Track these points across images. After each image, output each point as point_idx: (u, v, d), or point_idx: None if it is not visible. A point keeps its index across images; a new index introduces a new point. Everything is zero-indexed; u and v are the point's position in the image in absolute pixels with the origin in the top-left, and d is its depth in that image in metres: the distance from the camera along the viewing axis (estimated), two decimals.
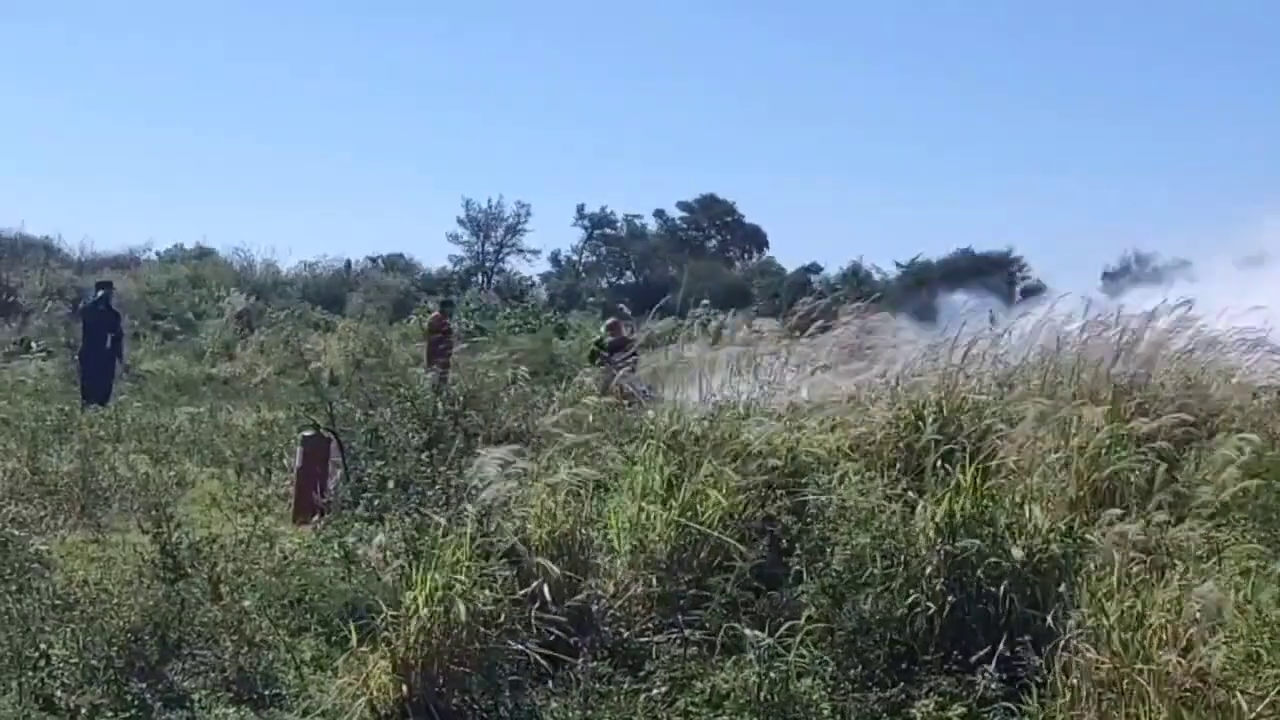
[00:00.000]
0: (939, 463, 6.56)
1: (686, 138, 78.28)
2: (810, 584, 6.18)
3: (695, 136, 77.47)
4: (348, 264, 38.49)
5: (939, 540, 5.92)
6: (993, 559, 5.87)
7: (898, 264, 50.02)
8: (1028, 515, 6.09)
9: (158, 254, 37.22)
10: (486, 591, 5.95)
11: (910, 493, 6.44)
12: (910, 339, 9.21)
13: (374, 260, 45.24)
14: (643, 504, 6.77)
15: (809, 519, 6.61)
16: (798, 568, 6.35)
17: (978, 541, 5.87)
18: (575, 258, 62.60)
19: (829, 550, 6.25)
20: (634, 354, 15.86)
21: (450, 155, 77.22)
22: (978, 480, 6.19)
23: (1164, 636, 4.91)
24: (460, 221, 60.44)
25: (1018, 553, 5.83)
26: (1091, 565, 5.77)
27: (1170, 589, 5.13)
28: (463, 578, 5.90)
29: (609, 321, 19.40)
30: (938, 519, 5.98)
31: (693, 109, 79.69)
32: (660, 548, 6.56)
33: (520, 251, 60.10)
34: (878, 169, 73.62)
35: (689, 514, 6.66)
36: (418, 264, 48.49)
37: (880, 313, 10.33)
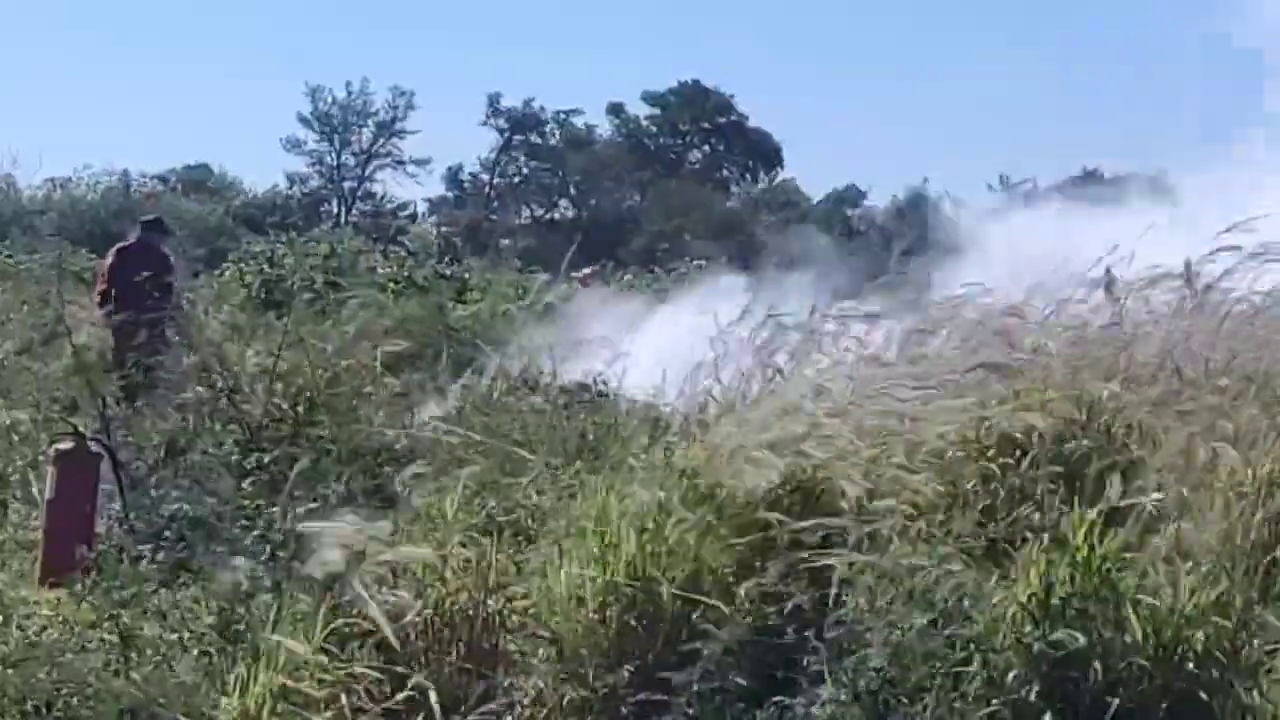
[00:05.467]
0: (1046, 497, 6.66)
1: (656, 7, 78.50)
2: (836, 687, 6.23)
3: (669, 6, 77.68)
4: (126, 183, 38.21)
5: (1031, 627, 5.99)
6: (1107, 659, 5.96)
7: (991, 188, 50.32)
8: (1173, 587, 6.15)
9: None
10: (345, 696, 5.98)
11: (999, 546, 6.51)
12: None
13: (165, 179, 44.91)
14: (595, 561, 6.80)
15: (837, 588, 6.65)
16: (817, 665, 6.39)
17: (1078, 635, 5.94)
18: (485, 175, 62.49)
19: (866, 636, 6.29)
20: None
21: (291, 27, 77.06)
22: (1094, 532, 6.26)
23: None
24: (303, 120, 60.04)
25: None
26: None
27: None
28: (306, 679, 5.93)
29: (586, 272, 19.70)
30: (1030, 594, 6.04)
31: None
32: (612, 631, 6.59)
33: (399, 163, 59.89)
34: (929, 64, 74.57)
35: (662, 582, 6.68)
36: (236, 183, 48.29)
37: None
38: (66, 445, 9.64)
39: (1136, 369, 8.42)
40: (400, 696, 6.13)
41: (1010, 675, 5.98)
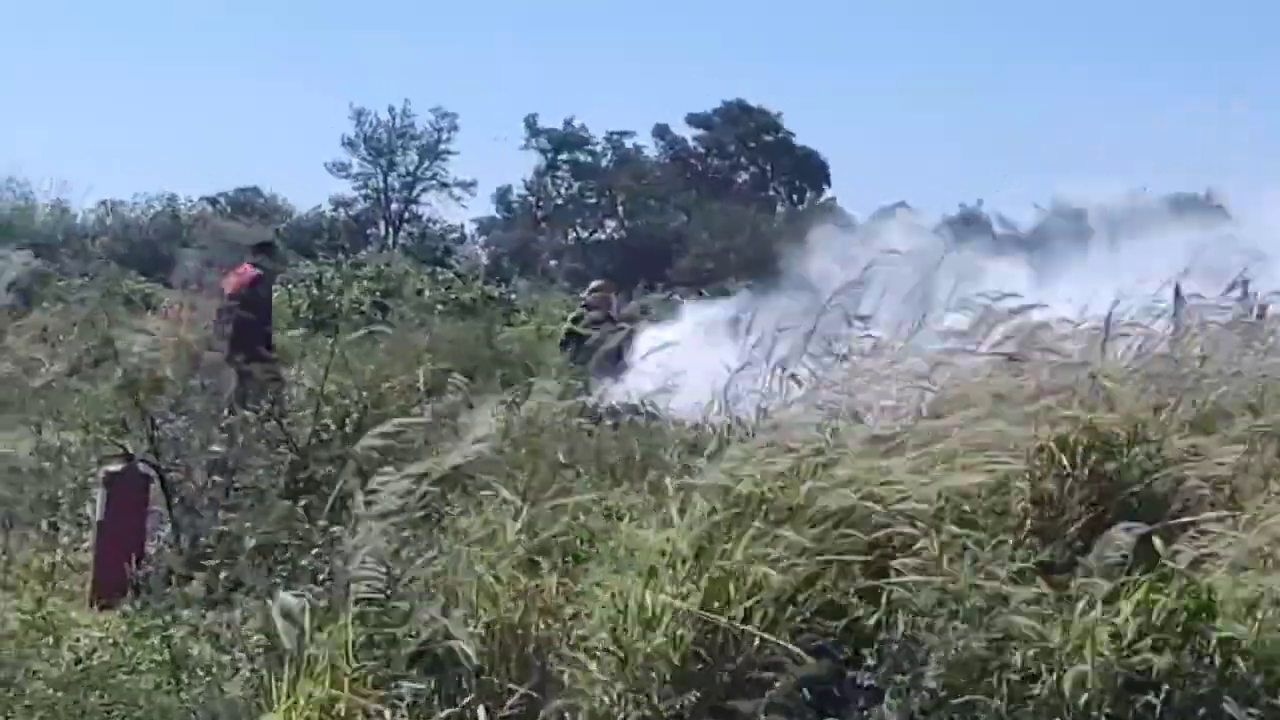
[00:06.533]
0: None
1: (700, 28, 78.50)
2: (891, 707, 6.20)
3: (714, 27, 77.65)
4: (173, 209, 38.39)
5: (1115, 652, 5.98)
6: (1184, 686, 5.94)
7: (1038, 207, 49.80)
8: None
9: None
10: (386, 712, 6.01)
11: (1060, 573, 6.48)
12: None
13: (215, 201, 45.14)
14: (645, 583, 6.77)
15: (893, 607, 6.62)
16: (872, 681, 6.37)
17: (1170, 659, 5.92)
18: (530, 197, 62.59)
19: (920, 655, 6.26)
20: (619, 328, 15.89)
21: (335, 50, 77.34)
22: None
23: None
24: (348, 143, 60.28)
25: None
26: None
27: None
28: (345, 692, 5.94)
29: (594, 284, 19.41)
30: (1125, 617, 6.03)
31: None
32: (666, 651, 6.56)
33: (444, 186, 60.02)
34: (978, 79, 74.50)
35: (719, 602, 6.65)
36: (284, 205, 48.51)
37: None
38: (116, 467, 9.69)
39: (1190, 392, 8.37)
40: (444, 715, 6.15)
41: (1082, 698, 5.96)
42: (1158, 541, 6.52)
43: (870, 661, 6.45)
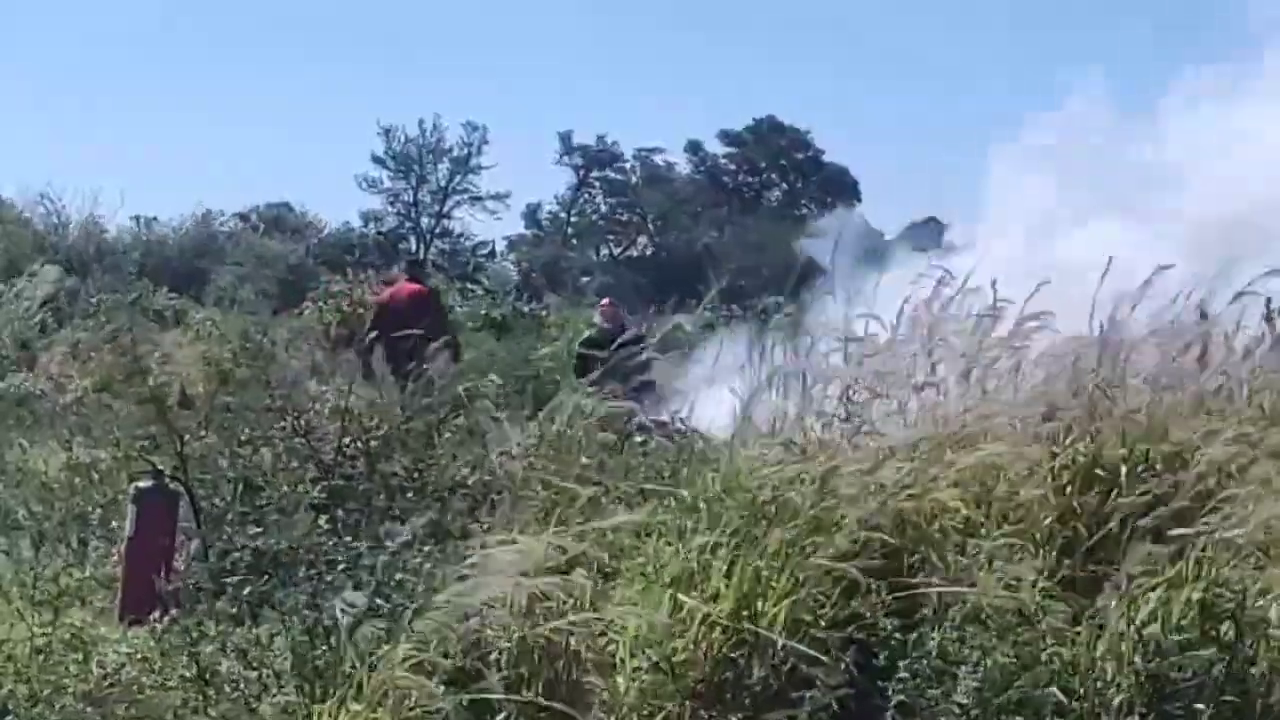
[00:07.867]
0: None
1: (729, 46, 78.61)
2: None
3: (741, 44, 77.79)
4: (207, 226, 38.51)
5: (1136, 656, 5.94)
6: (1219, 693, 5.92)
7: None
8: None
9: None
10: None
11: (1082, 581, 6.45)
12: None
13: (246, 217, 45.29)
14: (672, 594, 6.77)
15: (919, 622, 6.60)
16: (900, 697, 6.35)
17: (1205, 654, 5.89)
18: (562, 213, 62.69)
19: (952, 671, 6.24)
20: (640, 348, 15.90)
21: (366, 69, 77.70)
22: (1204, 566, 6.23)
23: None
24: (377, 159, 60.46)
25: None
26: None
27: None
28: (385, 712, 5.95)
29: (601, 303, 19.68)
30: (1138, 623, 5.99)
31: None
32: (696, 664, 6.55)
33: (477, 199, 60.09)
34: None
35: (746, 612, 6.64)
36: (315, 221, 48.64)
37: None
38: (146, 483, 9.72)
39: (1219, 403, 8.31)
40: None
41: (1115, 702, 5.95)
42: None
43: (902, 675, 6.45)
